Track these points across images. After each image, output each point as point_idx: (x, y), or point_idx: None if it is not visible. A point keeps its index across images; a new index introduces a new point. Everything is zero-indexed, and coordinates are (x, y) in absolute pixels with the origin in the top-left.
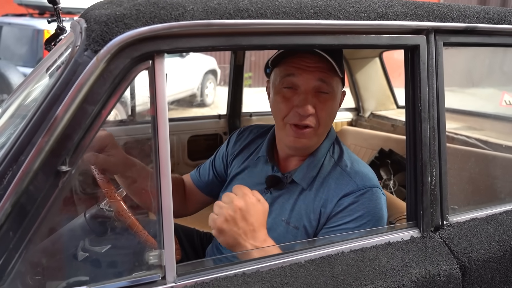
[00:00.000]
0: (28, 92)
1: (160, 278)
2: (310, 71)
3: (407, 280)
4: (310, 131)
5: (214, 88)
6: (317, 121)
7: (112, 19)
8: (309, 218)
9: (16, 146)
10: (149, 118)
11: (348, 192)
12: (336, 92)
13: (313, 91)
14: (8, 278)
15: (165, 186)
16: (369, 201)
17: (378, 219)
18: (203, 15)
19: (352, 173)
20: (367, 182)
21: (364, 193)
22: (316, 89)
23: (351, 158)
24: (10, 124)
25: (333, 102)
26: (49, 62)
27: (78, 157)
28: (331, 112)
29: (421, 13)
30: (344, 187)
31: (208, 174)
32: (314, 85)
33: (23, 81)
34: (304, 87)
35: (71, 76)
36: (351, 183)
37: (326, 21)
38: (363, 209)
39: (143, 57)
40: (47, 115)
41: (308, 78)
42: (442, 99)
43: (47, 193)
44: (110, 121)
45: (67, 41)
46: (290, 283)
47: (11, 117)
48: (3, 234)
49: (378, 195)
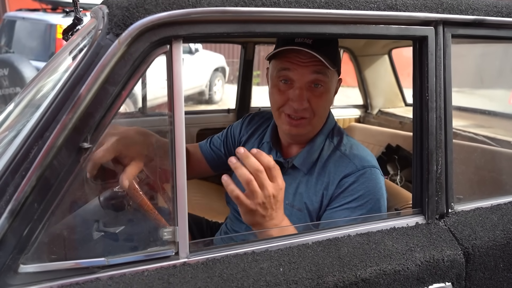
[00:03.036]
0: (46, 81)
1: (173, 253)
2: (304, 66)
3: (412, 264)
4: (305, 121)
5: (223, 85)
6: (312, 112)
7: (133, 4)
8: (311, 200)
9: (42, 123)
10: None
11: (348, 173)
12: (332, 83)
13: (308, 85)
14: (32, 248)
15: (179, 165)
16: (368, 181)
17: (378, 198)
18: (219, 2)
19: (351, 156)
20: (366, 163)
21: (363, 173)
22: (311, 82)
23: (350, 142)
24: (27, 113)
25: (328, 94)
26: (70, 47)
27: (99, 135)
28: (326, 103)
29: (430, 5)
30: (344, 169)
31: (219, 150)
32: (309, 79)
33: (41, 70)
34: (299, 82)
35: (94, 58)
36: (350, 164)
37: (337, 10)
38: (363, 189)
39: (161, 41)
40: (71, 93)
41: (303, 73)
42: (449, 89)
43: (69, 168)
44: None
45: (87, 28)
46: (298, 262)
47: (27, 106)
48: (29, 206)
49: (377, 175)
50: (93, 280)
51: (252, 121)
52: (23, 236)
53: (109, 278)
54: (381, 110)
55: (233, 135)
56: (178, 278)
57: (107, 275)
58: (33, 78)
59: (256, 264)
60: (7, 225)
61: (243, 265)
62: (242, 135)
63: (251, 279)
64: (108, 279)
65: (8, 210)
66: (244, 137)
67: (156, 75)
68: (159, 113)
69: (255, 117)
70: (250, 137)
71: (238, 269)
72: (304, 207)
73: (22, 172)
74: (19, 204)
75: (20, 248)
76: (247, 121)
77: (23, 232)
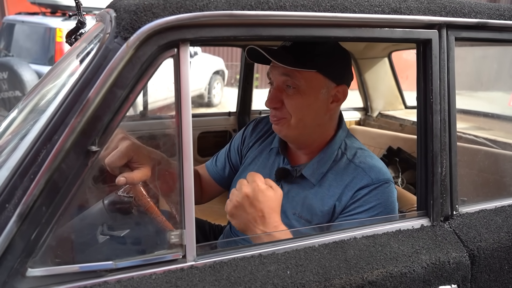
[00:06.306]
0: (52, 85)
1: (181, 256)
2: (276, 67)
3: (418, 266)
4: (284, 121)
5: (221, 88)
6: (288, 113)
7: (141, 8)
8: (322, 211)
9: (50, 126)
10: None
11: (363, 186)
12: (307, 87)
13: (282, 86)
14: (40, 251)
15: (187, 168)
16: (382, 194)
17: (389, 212)
18: (226, 6)
19: (366, 168)
20: (381, 176)
21: (378, 187)
22: (283, 83)
23: (364, 153)
24: (33, 118)
25: (301, 96)
26: (76, 51)
27: (107, 138)
28: (301, 106)
29: (433, 8)
30: (359, 181)
31: (224, 167)
32: (281, 80)
33: (45, 75)
34: (275, 83)
35: (102, 61)
36: (366, 177)
37: (342, 14)
38: (376, 201)
39: (169, 45)
40: (79, 97)
41: (275, 74)
42: (453, 92)
43: (77, 172)
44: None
45: (94, 32)
46: (305, 265)
47: (32, 111)
48: (37, 209)
49: (391, 189)
50: (101, 283)
51: (256, 128)
52: (31, 239)
53: (117, 281)
54: (381, 112)
55: (236, 146)
56: (186, 281)
57: (115, 279)
58: (38, 83)
59: (264, 267)
60: (16, 228)
61: (251, 268)
62: (246, 145)
63: (258, 282)
64: (116, 282)
65: (16, 214)
66: (247, 145)
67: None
68: (165, 116)
69: (258, 124)
70: (255, 142)
71: (245, 272)
72: (313, 219)
73: (31, 175)
74: (27, 208)
75: (28, 252)
76: (250, 129)
77: (31, 236)
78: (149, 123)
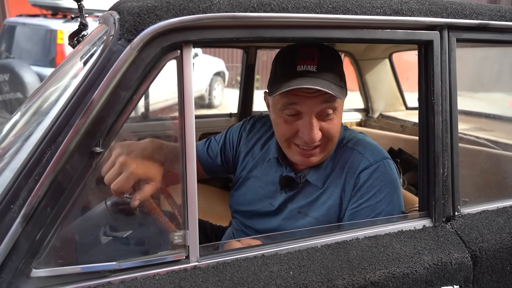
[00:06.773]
0: (56, 87)
1: (184, 257)
2: (313, 97)
3: (420, 267)
4: (319, 148)
5: (222, 90)
6: (326, 138)
7: (144, 10)
8: (329, 206)
9: (55, 128)
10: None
11: (362, 169)
12: (341, 106)
13: (318, 114)
14: (44, 252)
15: (190, 169)
16: (383, 174)
17: (394, 189)
18: (228, 8)
19: (361, 149)
20: (378, 156)
21: (377, 168)
22: (321, 112)
23: (357, 136)
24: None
25: (339, 117)
26: (79, 54)
27: (111, 139)
28: (337, 127)
29: (435, 10)
30: (357, 165)
31: (215, 156)
32: (319, 109)
33: (48, 78)
34: (309, 114)
35: (106, 63)
36: (364, 160)
37: (344, 15)
38: (379, 183)
39: (172, 46)
40: (83, 98)
41: (311, 105)
42: (454, 93)
43: (81, 172)
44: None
45: (97, 34)
46: (307, 265)
47: (36, 113)
48: (42, 210)
49: (390, 166)
50: (104, 284)
51: (253, 129)
52: (36, 240)
53: (121, 282)
54: (382, 113)
55: (232, 141)
56: (189, 282)
57: (119, 279)
58: (41, 85)
59: (266, 267)
60: (21, 229)
61: (254, 268)
62: (243, 144)
63: (261, 282)
64: (120, 283)
65: (21, 215)
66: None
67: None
68: (168, 117)
69: (256, 122)
70: (252, 148)
71: (248, 272)
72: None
73: (36, 176)
74: (32, 209)
75: (32, 253)
76: (248, 129)
77: (35, 237)
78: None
